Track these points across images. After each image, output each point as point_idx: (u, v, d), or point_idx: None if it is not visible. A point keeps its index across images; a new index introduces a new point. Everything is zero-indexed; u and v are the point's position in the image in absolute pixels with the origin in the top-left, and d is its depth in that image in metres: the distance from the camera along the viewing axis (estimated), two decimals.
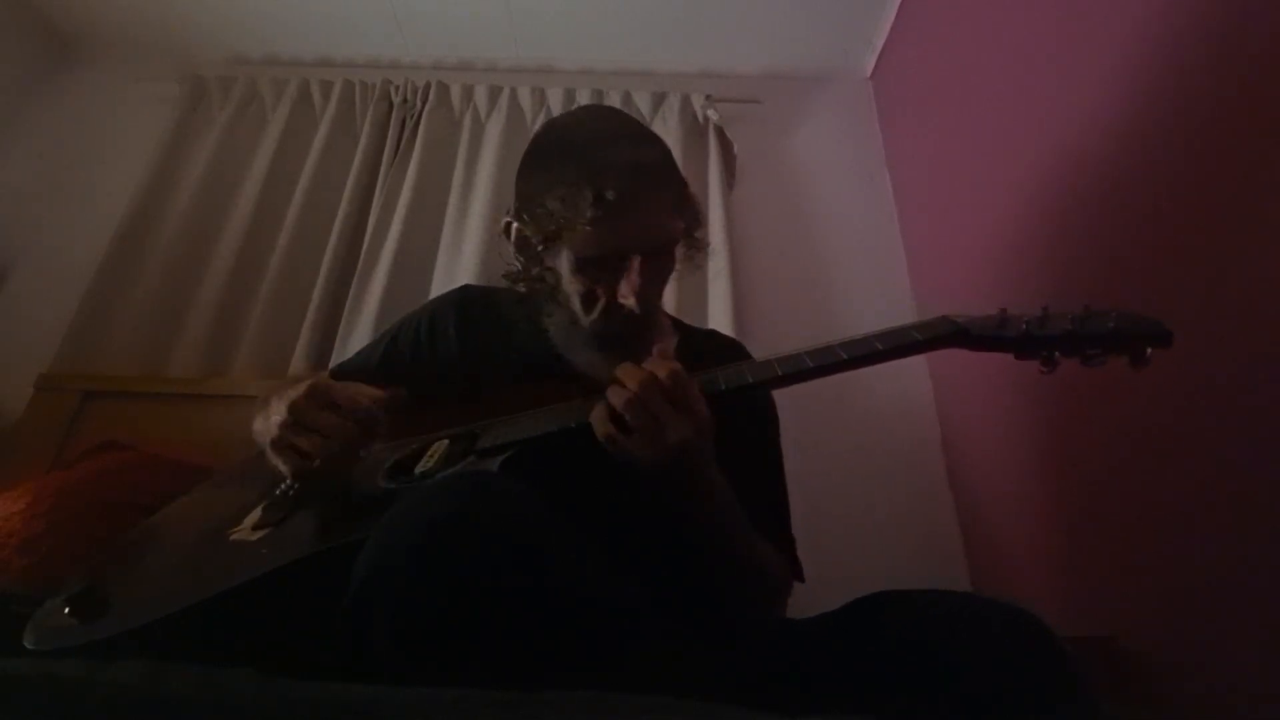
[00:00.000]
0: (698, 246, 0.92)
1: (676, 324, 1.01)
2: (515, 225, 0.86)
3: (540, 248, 0.84)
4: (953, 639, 0.54)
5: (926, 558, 1.47)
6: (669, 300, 0.96)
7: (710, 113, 1.90)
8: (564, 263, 0.82)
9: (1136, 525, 0.98)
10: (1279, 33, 0.80)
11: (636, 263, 0.79)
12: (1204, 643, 0.86)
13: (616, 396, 0.67)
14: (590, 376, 0.86)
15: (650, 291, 0.82)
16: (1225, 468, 0.85)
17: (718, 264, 1.66)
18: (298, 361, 1.59)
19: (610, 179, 0.75)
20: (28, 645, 0.61)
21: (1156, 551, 0.95)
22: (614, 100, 1.93)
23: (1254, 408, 0.81)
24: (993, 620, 0.55)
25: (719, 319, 1.63)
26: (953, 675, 0.52)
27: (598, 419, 0.68)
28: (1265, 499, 0.79)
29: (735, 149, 1.87)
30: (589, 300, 0.82)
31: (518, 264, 0.90)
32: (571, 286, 0.82)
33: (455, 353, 0.92)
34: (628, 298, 0.79)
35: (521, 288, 0.92)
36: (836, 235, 1.86)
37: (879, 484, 1.55)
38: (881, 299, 1.73)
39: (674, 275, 0.89)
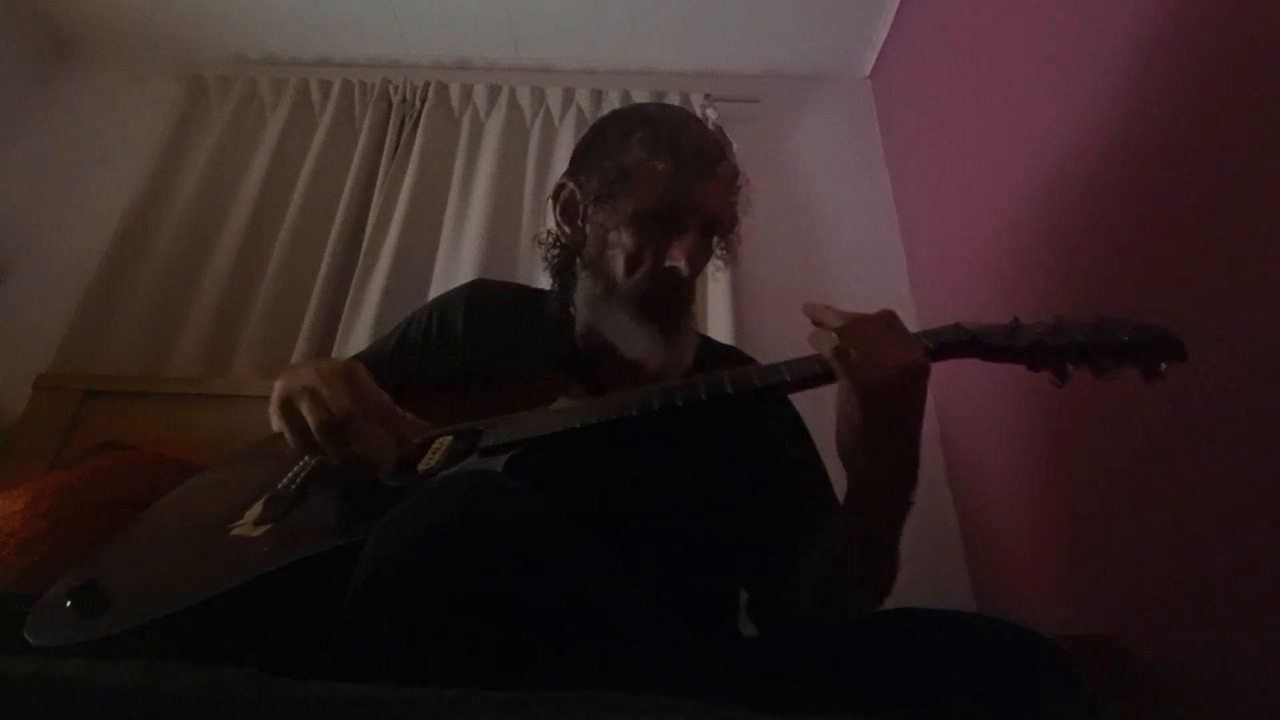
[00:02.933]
0: (731, 245, 0.94)
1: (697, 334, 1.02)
2: (569, 186, 0.89)
3: (592, 206, 0.85)
4: (963, 662, 0.53)
5: (925, 557, 1.46)
6: None
7: (709, 112, 1.90)
8: (619, 217, 0.82)
9: (1136, 525, 0.98)
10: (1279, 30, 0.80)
11: (694, 225, 0.81)
12: (1204, 643, 0.86)
13: (834, 319, 0.63)
14: (616, 349, 0.85)
15: (695, 264, 0.83)
16: (1226, 467, 0.85)
17: (716, 263, 1.66)
18: (297, 361, 1.59)
19: (689, 138, 0.81)
20: (28, 639, 0.61)
21: (1156, 551, 0.95)
22: (613, 100, 1.93)
23: (1254, 407, 0.81)
24: (1007, 645, 0.54)
25: (718, 318, 1.63)
26: (958, 698, 0.51)
27: (820, 340, 0.63)
28: (1265, 499, 0.79)
29: (734, 148, 1.87)
30: (634, 260, 0.82)
31: (558, 230, 0.91)
32: (621, 242, 0.82)
33: (462, 346, 0.92)
34: (678, 259, 0.80)
35: (555, 253, 0.93)
36: (836, 235, 1.86)
37: None
38: (881, 298, 1.69)
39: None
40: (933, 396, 1.61)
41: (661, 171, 0.79)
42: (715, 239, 0.89)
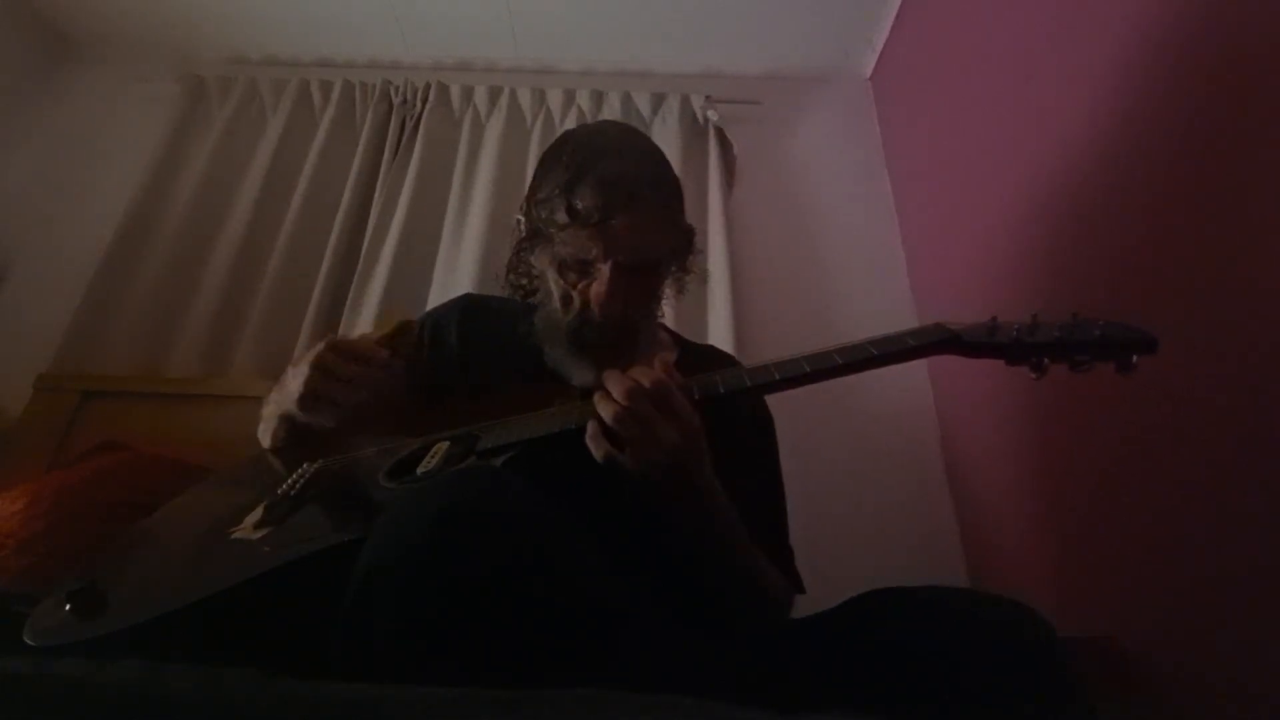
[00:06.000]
0: (685, 270, 0.95)
1: (676, 339, 1.04)
2: (520, 220, 0.92)
3: (528, 244, 0.89)
4: (950, 637, 0.54)
5: (925, 558, 1.47)
6: (666, 307, 0.98)
7: (710, 113, 1.90)
8: (545, 261, 0.87)
9: (1135, 525, 0.98)
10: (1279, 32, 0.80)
11: (606, 271, 0.82)
12: (1203, 643, 0.86)
13: (605, 409, 0.68)
14: (559, 376, 0.88)
15: (624, 303, 0.83)
16: (1224, 467, 0.85)
17: (717, 265, 1.66)
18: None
19: (585, 191, 0.80)
20: (27, 641, 0.61)
21: (1155, 551, 0.95)
22: (614, 101, 1.93)
23: (1251, 407, 0.81)
24: (992, 617, 0.55)
25: (718, 320, 1.63)
26: (949, 673, 0.51)
27: (593, 439, 0.69)
28: (1263, 499, 0.79)
29: (735, 150, 1.87)
30: (566, 301, 0.86)
31: (514, 259, 0.96)
32: (555, 285, 0.86)
33: (456, 356, 0.94)
34: (596, 304, 0.83)
35: (511, 279, 0.98)
36: (836, 236, 1.86)
37: (878, 484, 1.55)
38: (881, 299, 1.73)
39: (671, 293, 0.95)
40: (933, 398, 1.63)
41: (567, 223, 0.81)
42: (662, 264, 0.89)
